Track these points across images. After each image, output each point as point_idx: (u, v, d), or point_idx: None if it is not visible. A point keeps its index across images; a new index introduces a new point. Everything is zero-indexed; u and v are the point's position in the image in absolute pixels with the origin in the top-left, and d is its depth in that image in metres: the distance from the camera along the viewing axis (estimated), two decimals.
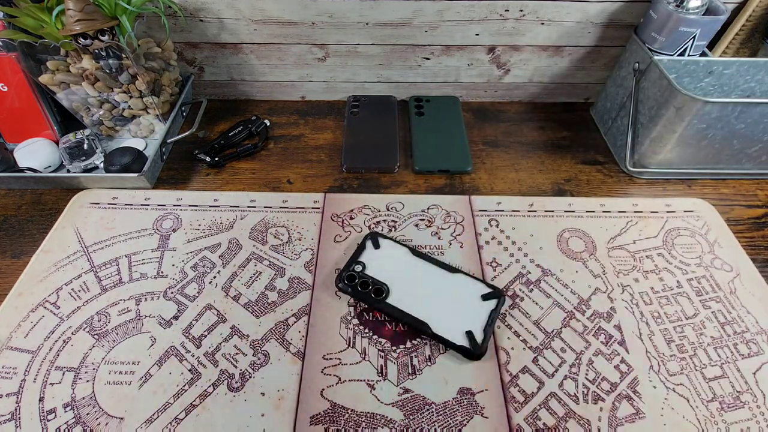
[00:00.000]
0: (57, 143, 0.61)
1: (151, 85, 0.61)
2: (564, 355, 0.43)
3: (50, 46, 0.54)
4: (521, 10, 0.63)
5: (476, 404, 0.40)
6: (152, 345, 0.44)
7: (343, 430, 0.38)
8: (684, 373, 0.42)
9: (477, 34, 0.66)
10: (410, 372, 0.42)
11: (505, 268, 0.50)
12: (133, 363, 0.43)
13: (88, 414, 0.39)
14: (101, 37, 0.54)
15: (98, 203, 0.56)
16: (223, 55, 0.69)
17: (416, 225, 0.54)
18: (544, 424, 0.39)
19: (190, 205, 0.56)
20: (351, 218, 0.55)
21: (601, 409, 0.40)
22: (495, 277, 0.49)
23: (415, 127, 0.68)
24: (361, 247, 0.50)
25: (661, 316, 0.46)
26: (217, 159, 0.62)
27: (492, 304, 0.45)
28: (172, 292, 0.48)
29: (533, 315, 0.46)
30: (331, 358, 0.43)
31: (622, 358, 0.43)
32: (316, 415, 0.39)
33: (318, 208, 0.56)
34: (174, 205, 0.56)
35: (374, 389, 0.41)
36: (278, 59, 0.70)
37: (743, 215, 0.57)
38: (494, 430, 0.39)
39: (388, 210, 0.56)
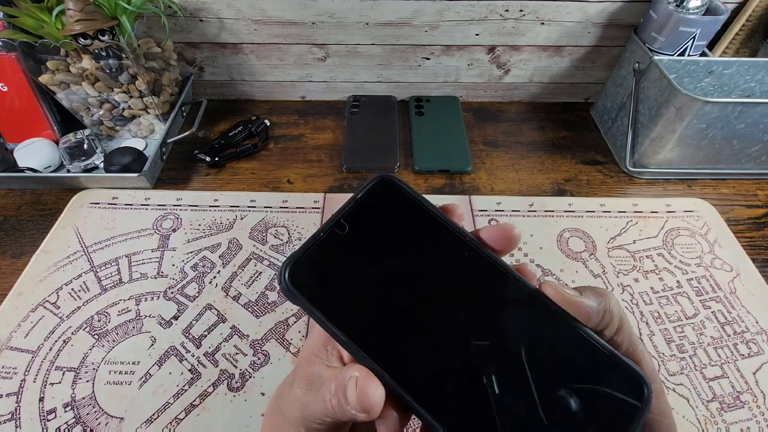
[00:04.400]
0: (57, 143, 0.61)
1: (151, 85, 0.61)
2: None
3: (50, 46, 0.54)
4: (521, 10, 0.63)
5: None
6: (152, 345, 0.44)
7: None
8: (684, 373, 0.42)
9: (477, 34, 0.66)
10: None
11: None
12: (133, 363, 0.42)
13: (88, 414, 0.39)
14: (101, 37, 0.54)
15: (98, 203, 0.56)
16: (223, 55, 0.69)
17: None
18: None
19: (190, 205, 0.56)
20: None
21: None
22: None
23: (415, 127, 0.68)
24: None
25: (661, 316, 0.46)
26: (217, 159, 0.62)
27: None
28: (172, 292, 0.48)
29: None
30: None
31: None
32: None
33: (318, 208, 0.56)
34: (174, 205, 0.56)
35: None
36: (278, 59, 0.70)
37: (743, 215, 0.57)
38: None
39: None
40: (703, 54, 0.62)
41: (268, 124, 0.69)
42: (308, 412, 0.18)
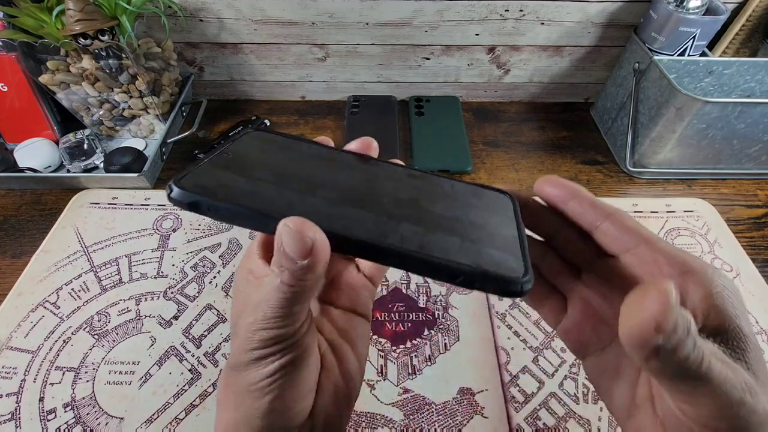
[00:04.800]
0: (57, 143, 0.61)
1: (151, 85, 0.61)
2: (564, 355, 0.43)
3: (50, 46, 0.54)
4: (521, 10, 0.63)
5: (476, 404, 0.40)
6: (152, 345, 0.44)
7: None
8: None
9: (477, 34, 0.66)
10: (410, 372, 0.42)
11: None
12: (133, 363, 0.42)
13: (88, 414, 0.39)
14: (101, 37, 0.54)
15: (98, 203, 0.56)
16: (223, 55, 0.69)
17: None
18: (544, 424, 0.39)
19: None
20: None
21: (601, 409, 0.40)
22: None
23: (415, 127, 0.68)
24: None
25: None
26: None
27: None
28: (172, 292, 0.48)
29: (533, 315, 0.46)
30: None
31: None
32: None
33: None
34: (174, 205, 0.56)
35: (374, 389, 0.41)
36: (278, 59, 0.70)
37: (743, 215, 0.57)
38: (494, 430, 0.39)
39: None
40: (703, 54, 0.62)
41: (268, 124, 0.69)
42: (263, 325, 0.17)
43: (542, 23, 0.65)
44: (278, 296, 0.17)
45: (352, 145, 0.23)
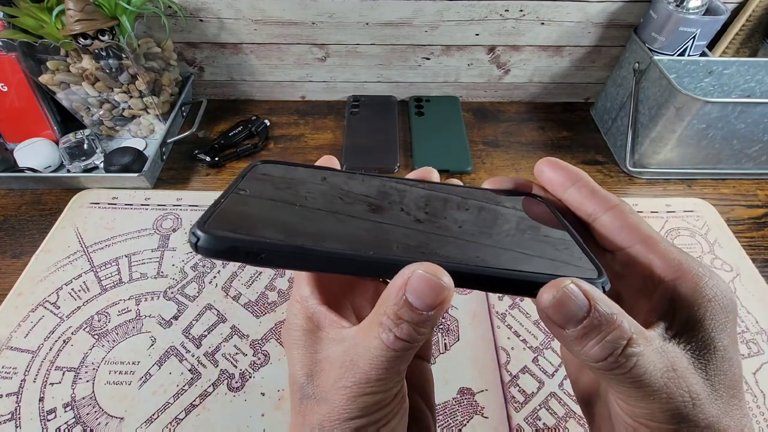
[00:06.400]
0: (57, 143, 0.61)
1: (151, 85, 0.61)
2: None
3: (50, 46, 0.54)
4: (521, 10, 0.63)
5: (476, 404, 0.40)
6: (152, 345, 0.44)
7: None
8: None
9: (477, 34, 0.66)
10: None
11: None
12: (133, 363, 0.42)
13: (88, 414, 0.39)
14: (101, 37, 0.54)
15: (98, 203, 0.56)
16: (223, 55, 0.69)
17: None
18: (544, 424, 0.39)
19: (190, 205, 0.56)
20: None
21: None
22: None
23: (415, 127, 0.68)
24: None
25: None
26: (217, 159, 0.62)
27: None
28: (172, 292, 0.48)
29: (533, 315, 0.46)
30: None
31: None
32: None
33: None
34: (174, 205, 0.56)
35: None
36: (278, 59, 0.70)
37: (743, 215, 0.57)
38: (494, 430, 0.39)
39: None
40: (703, 54, 0.62)
41: (268, 124, 0.69)
42: (364, 389, 0.15)
43: (542, 23, 0.65)
44: (388, 354, 0.14)
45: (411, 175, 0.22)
